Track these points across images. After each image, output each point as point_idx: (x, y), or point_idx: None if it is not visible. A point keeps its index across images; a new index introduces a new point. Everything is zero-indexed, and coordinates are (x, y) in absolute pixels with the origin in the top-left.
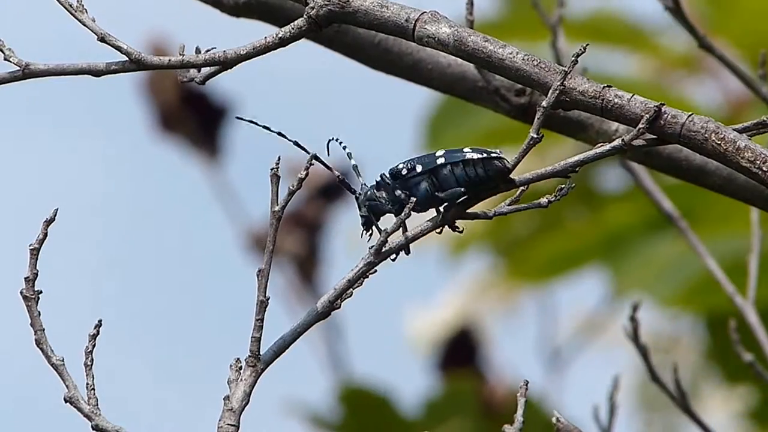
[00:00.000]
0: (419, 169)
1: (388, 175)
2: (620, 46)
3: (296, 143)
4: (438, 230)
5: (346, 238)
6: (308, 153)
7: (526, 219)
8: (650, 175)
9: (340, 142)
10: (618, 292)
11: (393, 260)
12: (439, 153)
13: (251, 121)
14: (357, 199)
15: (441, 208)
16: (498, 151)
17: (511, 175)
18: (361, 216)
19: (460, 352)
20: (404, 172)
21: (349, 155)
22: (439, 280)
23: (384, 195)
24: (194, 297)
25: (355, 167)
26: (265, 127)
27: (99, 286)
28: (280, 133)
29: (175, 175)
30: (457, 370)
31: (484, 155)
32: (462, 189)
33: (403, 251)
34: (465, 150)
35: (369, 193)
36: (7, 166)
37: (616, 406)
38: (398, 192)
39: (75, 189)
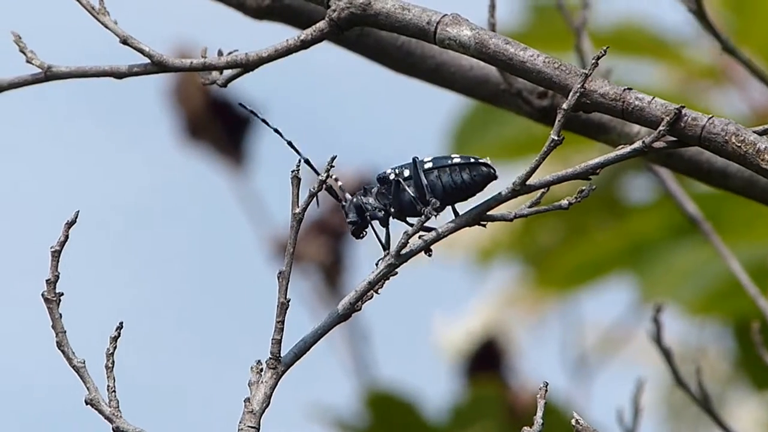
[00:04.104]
0: (406, 173)
1: (375, 181)
2: (646, 56)
3: (290, 143)
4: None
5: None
6: (300, 156)
7: (551, 227)
8: (676, 179)
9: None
10: (644, 299)
11: (429, 255)
12: (427, 159)
13: (271, 126)
14: (343, 207)
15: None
16: (486, 158)
17: (531, 178)
18: (349, 222)
19: (486, 359)
20: (392, 177)
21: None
22: (466, 286)
23: (371, 201)
24: (219, 303)
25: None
26: (276, 131)
27: (122, 289)
28: (276, 130)
29: (201, 182)
30: (483, 376)
31: (471, 160)
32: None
33: (424, 252)
34: (453, 156)
35: (356, 199)
36: (33, 171)
37: (640, 408)
38: (384, 199)
39: (101, 194)
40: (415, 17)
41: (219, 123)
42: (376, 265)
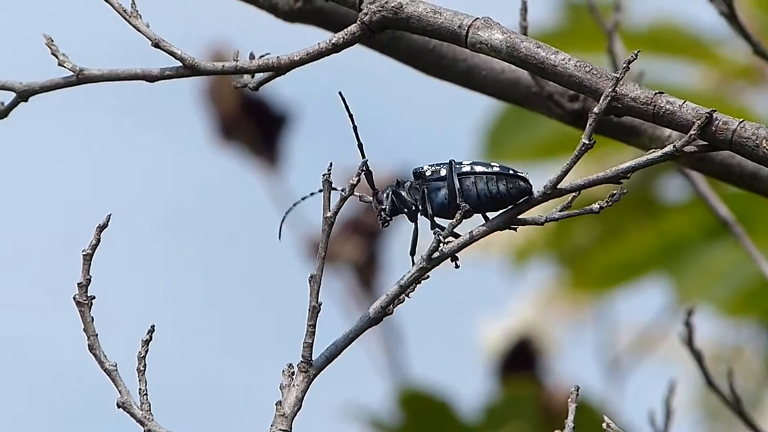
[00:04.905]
0: (442, 173)
1: (411, 174)
2: (680, 56)
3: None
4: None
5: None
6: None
7: (586, 227)
8: (707, 182)
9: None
10: (679, 299)
11: (457, 267)
12: (467, 162)
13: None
14: (375, 195)
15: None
16: (525, 173)
17: (563, 181)
18: (381, 211)
19: (521, 358)
20: (428, 173)
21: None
22: (501, 286)
23: (402, 194)
24: (253, 304)
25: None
26: (348, 111)
27: (154, 291)
28: (350, 113)
29: (235, 183)
30: (517, 376)
31: (511, 172)
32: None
33: (451, 260)
34: (493, 164)
35: (388, 191)
36: (66, 172)
37: (671, 410)
38: (416, 194)
39: (135, 195)
40: (447, 21)
41: (253, 123)
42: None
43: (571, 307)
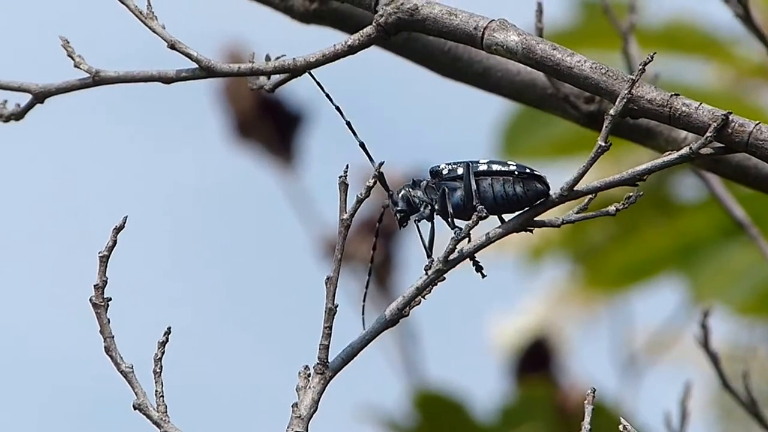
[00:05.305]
0: (460, 172)
1: (428, 173)
2: (696, 55)
3: (348, 123)
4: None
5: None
6: (357, 139)
7: (601, 227)
8: (723, 183)
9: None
10: (694, 299)
11: (478, 269)
12: (483, 161)
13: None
14: (391, 196)
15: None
16: (544, 175)
17: (579, 183)
18: (397, 212)
19: (536, 358)
20: (445, 172)
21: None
22: (516, 286)
23: (419, 194)
24: (269, 305)
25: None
26: (338, 109)
27: (170, 292)
28: (339, 112)
29: (251, 182)
30: (532, 376)
31: (527, 171)
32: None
33: (473, 266)
34: (509, 162)
35: (404, 191)
36: (84, 171)
37: (687, 412)
38: (432, 193)
39: (150, 194)
40: (462, 22)
41: (269, 122)
42: (426, 271)
43: (586, 305)
